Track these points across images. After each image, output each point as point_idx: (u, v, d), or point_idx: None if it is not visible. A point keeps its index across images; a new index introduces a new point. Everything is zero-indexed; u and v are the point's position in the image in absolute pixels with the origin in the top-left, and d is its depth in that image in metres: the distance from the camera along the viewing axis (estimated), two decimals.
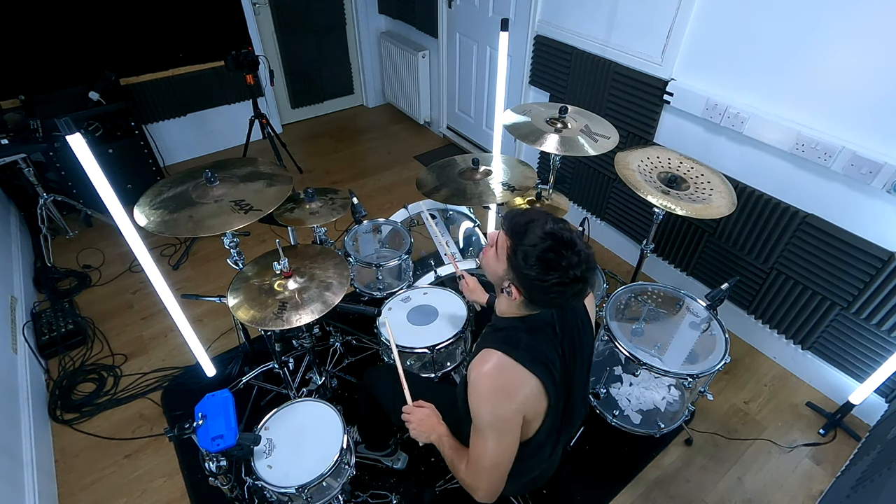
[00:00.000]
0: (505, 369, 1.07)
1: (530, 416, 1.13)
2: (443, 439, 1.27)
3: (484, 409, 1.08)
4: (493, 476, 1.14)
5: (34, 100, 2.92)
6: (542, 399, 1.11)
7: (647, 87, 2.35)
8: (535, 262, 1.00)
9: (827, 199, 1.92)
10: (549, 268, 1.00)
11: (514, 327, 1.13)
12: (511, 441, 1.11)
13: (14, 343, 2.16)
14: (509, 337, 1.11)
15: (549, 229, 1.01)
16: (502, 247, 1.08)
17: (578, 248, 1.01)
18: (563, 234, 1.01)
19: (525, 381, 1.08)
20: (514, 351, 1.08)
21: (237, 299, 1.54)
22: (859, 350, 2.03)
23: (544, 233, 1.01)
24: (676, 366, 1.90)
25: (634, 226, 2.77)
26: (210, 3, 3.40)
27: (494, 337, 1.14)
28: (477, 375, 1.09)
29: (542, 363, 1.09)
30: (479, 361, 1.10)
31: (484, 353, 1.10)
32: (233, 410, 1.24)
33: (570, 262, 0.99)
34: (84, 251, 2.94)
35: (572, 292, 1.03)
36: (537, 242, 1.00)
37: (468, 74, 3.68)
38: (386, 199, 3.47)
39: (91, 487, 1.90)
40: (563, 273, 0.99)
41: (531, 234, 1.01)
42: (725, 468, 1.96)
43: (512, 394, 1.08)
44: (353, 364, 2.27)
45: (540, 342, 1.11)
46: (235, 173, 1.73)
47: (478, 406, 1.09)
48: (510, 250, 1.05)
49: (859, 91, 1.71)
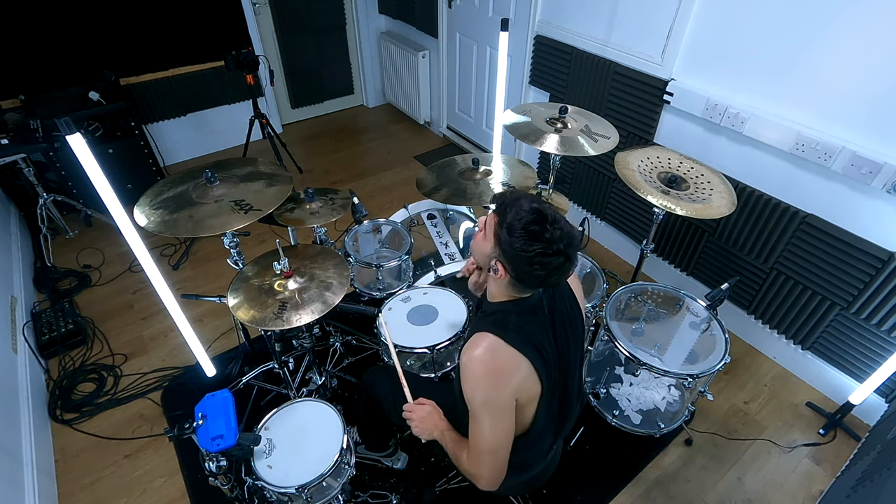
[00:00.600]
0: (496, 352, 1.09)
1: (523, 400, 1.14)
2: (445, 434, 1.28)
3: (477, 393, 1.10)
4: (494, 461, 1.15)
5: (34, 100, 2.92)
6: (534, 382, 1.12)
7: (647, 87, 2.35)
8: (520, 233, 1.03)
9: (827, 199, 1.92)
10: (532, 238, 1.02)
11: (505, 310, 1.15)
12: (507, 424, 1.13)
13: (14, 343, 2.17)
14: (499, 320, 1.13)
15: (534, 205, 1.05)
16: (490, 225, 1.12)
17: (561, 224, 1.04)
18: (547, 211, 1.05)
19: (517, 364, 1.09)
20: (503, 332, 1.09)
21: (237, 299, 1.54)
22: (859, 350, 2.03)
23: (530, 207, 1.05)
24: (676, 366, 1.90)
25: (634, 226, 2.77)
26: (210, 3, 3.40)
27: (485, 321, 1.15)
28: (468, 359, 1.11)
29: (532, 345, 1.11)
30: (470, 345, 1.11)
31: (475, 336, 1.12)
32: (233, 410, 1.24)
33: (553, 235, 1.02)
34: (84, 251, 2.94)
35: (555, 265, 1.04)
36: (523, 215, 1.04)
37: (468, 74, 3.68)
38: (386, 199, 3.47)
39: (91, 487, 1.90)
40: (546, 245, 1.02)
41: (517, 209, 1.06)
42: (725, 468, 1.96)
43: (504, 376, 1.09)
44: (353, 364, 2.27)
45: (530, 324, 1.13)
46: (235, 173, 1.73)
47: (471, 390, 1.11)
48: (496, 226, 1.08)
49: (859, 91, 1.71)
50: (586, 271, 2.10)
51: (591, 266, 2.10)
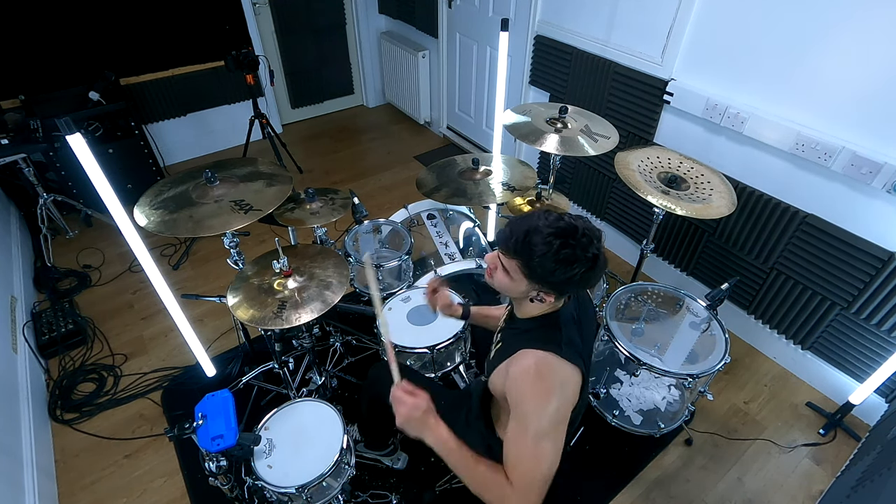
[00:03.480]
0: (555, 368, 1.05)
1: (571, 415, 1.09)
2: (449, 444, 1.09)
3: (544, 414, 1.02)
4: (545, 489, 1.03)
5: (34, 100, 2.92)
6: (578, 391, 1.09)
7: (647, 87, 2.35)
8: (556, 266, 1.01)
9: (827, 199, 1.92)
10: (570, 263, 1.01)
11: (545, 325, 1.12)
12: (563, 443, 1.06)
13: (14, 343, 2.16)
14: (546, 335, 1.10)
15: (549, 231, 1.01)
16: (512, 268, 1.07)
17: (581, 230, 1.02)
18: (564, 226, 1.01)
19: (573, 376, 1.07)
20: (557, 348, 1.06)
21: (237, 299, 1.54)
22: (859, 350, 2.03)
23: (547, 235, 1.01)
24: (676, 366, 1.90)
25: (634, 226, 2.77)
26: (210, 3, 3.40)
27: (530, 337, 1.11)
28: (525, 380, 1.04)
29: (580, 356, 1.09)
30: (523, 367, 1.06)
31: (525, 355, 1.07)
32: (233, 410, 1.25)
33: (583, 245, 1.01)
34: (84, 251, 2.94)
35: (600, 267, 1.05)
36: (547, 250, 1.00)
37: (468, 74, 3.68)
38: (386, 199, 3.47)
39: (91, 487, 1.90)
40: (582, 261, 1.01)
41: (537, 245, 1.01)
42: (725, 468, 1.96)
43: (566, 391, 1.06)
44: (353, 364, 2.27)
45: (573, 334, 1.12)
46: (235, 173, 1.73)
47: (536, 412, 1.02)
48: (523, 267, 1.05)
49: (859, 91, 1.71)
50: None
51: None
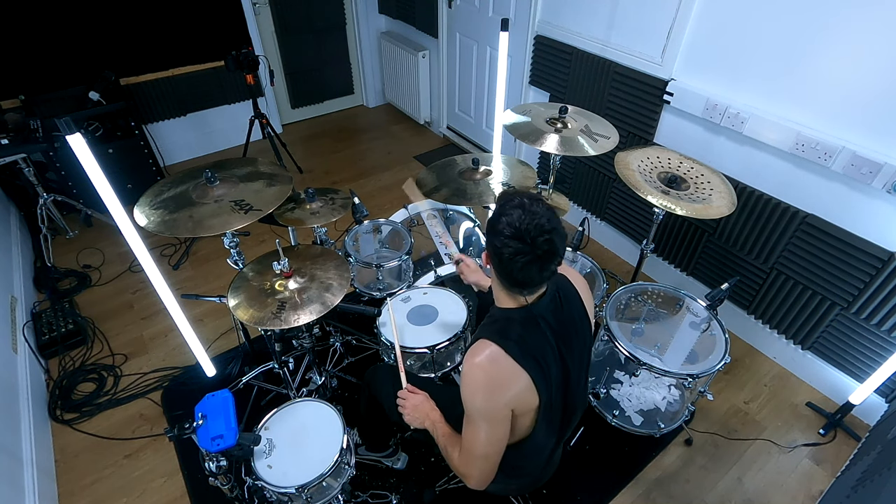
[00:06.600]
0: (497, 361, 1.09)
1: (520, 411, 1.14)
2: (437, 426, 1.31)
3: (475, 400, 1.11)
4: (485, 465, 1.18)
5: (34, 100, 2.92)
6: (532, 394, 1.12)
7: (647, 87, 2.35)
8: (497, 221, 1.05)
9: (827, 199, 1.92)
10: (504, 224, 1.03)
11: (509, 318, 1.14)
12: (501, 433, 1.14)
13: (14, 343, 2.16)
14: (502, 328, 1.12)
15: (517, 199, 1.06)
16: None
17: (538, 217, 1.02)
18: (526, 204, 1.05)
19: (516, 376, 1.09)
20: (505, 342, 1.09)
21: (237, 299, 1.54)
22: (859, 350, 2.03)
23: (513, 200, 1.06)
24: (676, 366, 1.90)
25: (634, 226, 2.77)
26: (210, 3, 3.40)
27: (490, 327, 1.15)
28: (470, 366, 1.11)
29: (532, 357, 1.10)
30: (473, 352, 1.12)
31: (478, 343, 1.12)
32: (233, 410, 1.24)
33: (523, 224, 1.02)
34: (84, 251, 2.94)
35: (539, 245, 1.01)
36: (504, 206, 1.06)
37: (468, 74, 3.67)
38: (386, 199, 3.47)
39: (91, 487, 1.90)
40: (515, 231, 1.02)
41: (504, 202, 1.08)
42: (725, 468, 1.96)
43: (502, 386, 1.10)
44: (353, 364, 2.27)
45: (532, 335, 1.12)
46: (235, 173, 1.73)
47: (470, 396, 1.11)
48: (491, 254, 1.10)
49: (859, 91, 1.71)
50: (586, 271, 2.10)
51: (591, 266, 2.10)
